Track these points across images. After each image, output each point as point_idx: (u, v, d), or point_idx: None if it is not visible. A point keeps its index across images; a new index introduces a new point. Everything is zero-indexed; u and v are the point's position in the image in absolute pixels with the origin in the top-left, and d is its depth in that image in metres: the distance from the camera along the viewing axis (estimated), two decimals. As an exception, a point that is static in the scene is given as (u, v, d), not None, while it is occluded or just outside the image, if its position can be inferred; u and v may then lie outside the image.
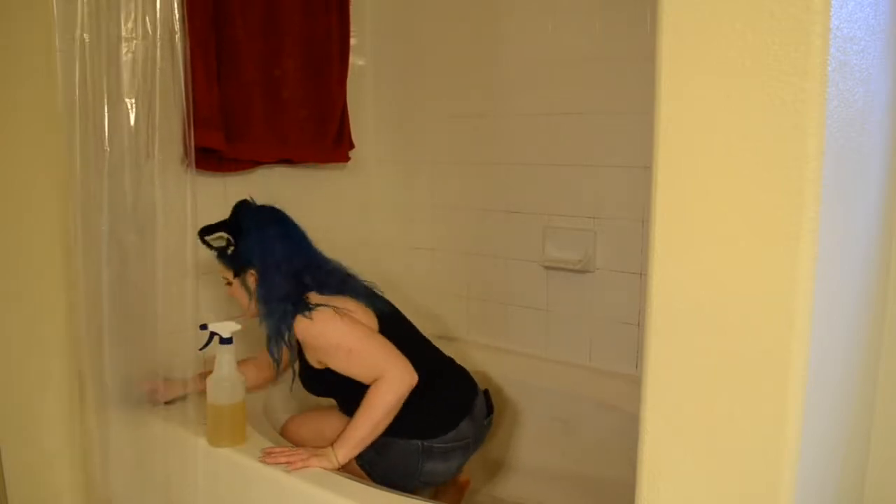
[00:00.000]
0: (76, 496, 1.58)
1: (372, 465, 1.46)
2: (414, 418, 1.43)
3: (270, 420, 1.63)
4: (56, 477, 1.63)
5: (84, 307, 1.44)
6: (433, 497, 1.63)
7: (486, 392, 1.61)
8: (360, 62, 2.22)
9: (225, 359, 1.44)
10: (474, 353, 2.09)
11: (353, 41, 2.12)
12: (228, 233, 1.46)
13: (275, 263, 1.44)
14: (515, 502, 1.86)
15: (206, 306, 1.60)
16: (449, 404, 1.51)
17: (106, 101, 1.36)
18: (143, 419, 1.47)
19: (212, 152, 1.70)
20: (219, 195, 1.82)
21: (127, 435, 1.46)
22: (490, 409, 1.60)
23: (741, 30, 0.71)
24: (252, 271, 1.45)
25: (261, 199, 1.92)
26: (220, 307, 1.82)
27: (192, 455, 1.47)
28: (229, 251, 1.45)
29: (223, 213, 1.83)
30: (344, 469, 1.39)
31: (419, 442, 1.44)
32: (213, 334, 1.45)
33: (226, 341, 1.44)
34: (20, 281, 1.61)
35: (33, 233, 1.56)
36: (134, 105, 1.37)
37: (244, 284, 1.47)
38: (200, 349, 1.46)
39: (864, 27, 0.80)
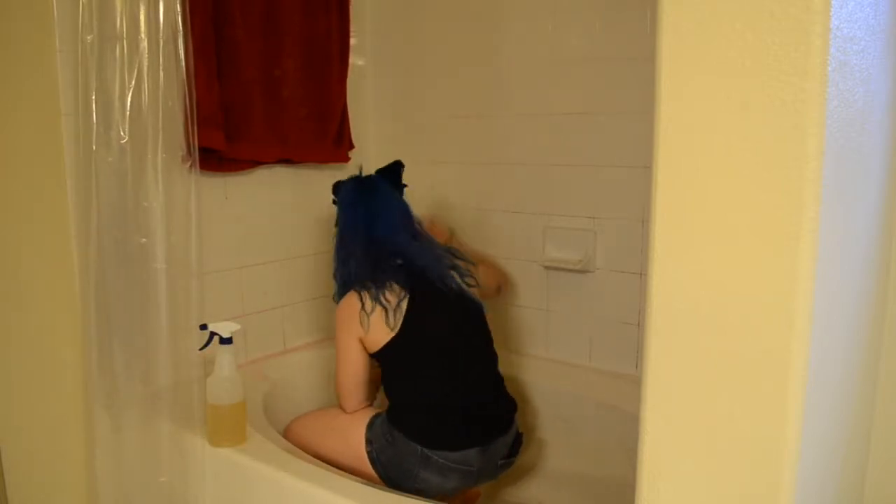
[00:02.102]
0: (76, 496, 1.58)
1: (381, 451, 1.49)
2: (420, 425, 1.49)
3: (270, 420, 1.63)
4: (56, 477, 1.63)
5: (86, 308, 1.44)
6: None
7: (519, 435, 1.61)
8: (360, 62, 2.22)
9: (225, 359, 1.44)
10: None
11: (353, 41, 2.12)
12: (334, 193, 1.71)
13: (342, 234, 1.64)
14: (515, 502, 1.86)
15: (210, 306, 1.60)
16: (460, 430, 1.51)
17: (106, 101, 1.36)
18: (144, 419, 1.47)
19: (212, 152, 1.70)
20: (218, 195, 1.82)
21: (128, 435, 1.46)
22: (513, 452, 1.59)
23: (741, 30, 0.71)
24: (337, 229, 1.68)
25: (260, 199, 1.93)
26: (224, 307, 1.82)
27: (192, 455, 1.47)
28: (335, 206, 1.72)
29: (223, 214, 1.83)
30: (353, 461, 1.50)
31: (419, 447, 1.47)
32: (212, 334, 1.45)
33: (226, 341, 1.45)
34: (20, 281, 1.61)
35: (34, 233, 1.56)
36: (135, 105, 1.37)
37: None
38: (200, 349, 1.47)
39: (864, 27, 0.80)
